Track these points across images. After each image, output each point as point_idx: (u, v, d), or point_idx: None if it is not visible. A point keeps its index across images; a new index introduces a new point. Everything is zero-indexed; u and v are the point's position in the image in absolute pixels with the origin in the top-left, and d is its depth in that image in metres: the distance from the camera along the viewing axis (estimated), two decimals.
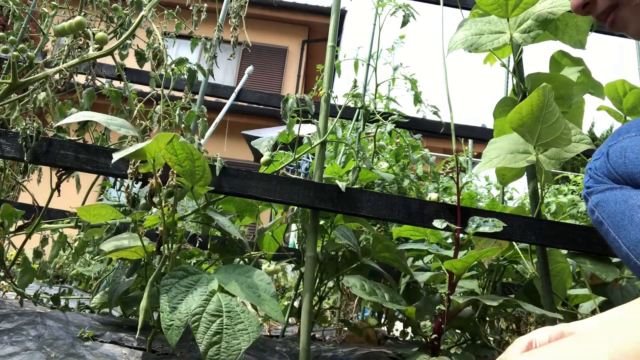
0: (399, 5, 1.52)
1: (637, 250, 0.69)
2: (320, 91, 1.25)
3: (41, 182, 1.56)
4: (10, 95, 1.04)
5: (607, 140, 0.79)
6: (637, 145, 0.72)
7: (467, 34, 1.19)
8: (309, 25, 10.06)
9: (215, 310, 0.71)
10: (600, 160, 0.79)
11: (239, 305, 0.73)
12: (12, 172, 1.44)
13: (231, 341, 0.68)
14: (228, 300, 0.73)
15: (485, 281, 1.55)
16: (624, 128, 0.76)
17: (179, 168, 0.87)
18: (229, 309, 0.72)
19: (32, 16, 1.49)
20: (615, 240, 0.74)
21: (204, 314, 0.70)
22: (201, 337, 0.68)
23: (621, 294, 1.17)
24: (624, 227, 0.71)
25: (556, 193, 3.67)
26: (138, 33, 1.19)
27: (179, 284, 0.74)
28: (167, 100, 1.12)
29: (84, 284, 2.34)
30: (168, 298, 0.72)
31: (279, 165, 1.35)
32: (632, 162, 0.72)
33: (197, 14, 1.44)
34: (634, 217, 0.70)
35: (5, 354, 0.85)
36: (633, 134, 0.73)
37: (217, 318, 0.70)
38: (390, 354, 1.20)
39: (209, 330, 0.69)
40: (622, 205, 0.73)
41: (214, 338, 0.68)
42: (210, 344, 0.68)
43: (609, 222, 0.75)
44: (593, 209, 0.80)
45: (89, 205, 0.85)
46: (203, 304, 0.71)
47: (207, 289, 0.73)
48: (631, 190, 0.73)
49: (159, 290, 0.75)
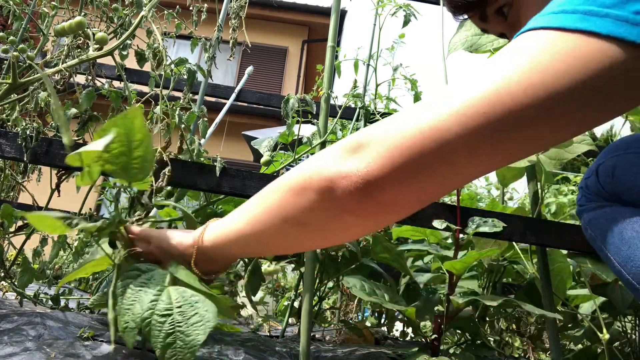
0: (400, 5, 1.52)
1: (628, 267, 0.70)
2: (320, 91, 1.25)
3: (41, 182, 1.56)
4: (10, 95, 1.04)
5: (597, 158, 0.81)
6: (624, 163, 0.75)
7: (467, 35, 1.19)
8: (309, 25, 10.06)
9: (165, 310, 0.65)
10: (591, 179, 0.82)
11: (193, 295, 0.67)
12: (12, 172, 1.44)
13: (185, 339, 0.63)
14: (181, 292, 0.67)
15: (485, 281, 1.55)
16: (612, 146, 0.78)
17: (110, 167, 0.74)
18: (180, 304, 0.66)
19: (32, 16, 1.49)
20: (607, 257, 0.76)
21: (154, 316, 0.65)
22: (155, 341, 0.63)
23: (621, 294, 1.17)
24: (615, 243, 0.73)
25: (556, 193, 3.67)
26: (138, 33, 1.19)
27: (133, 285, 0.69)
28: (165, 100, 1.12)
29: (84, 284, 2.34)
30: (123, 300, 0.67)
31: (279, 165, 1.35)
32: (620, 180, 0.74)
33: (197, 14, 1.44)
34: (624, 234, 0.72)
35: (4, 354, 0.85)
36: (621, 152, 0.76)
37: (167, 317, 0.65)
38: (390, 354, 1.20)
39: (161, 333, 0.63)
40: (612, 222, 0.75)
41: (168, 339, 0.63)
42: (164, 347, 0.63)
43: (600, 239, 0.77)
44: (586, 227, 0.83)
45: (41, 214, 0.71)
46: (151, 305, 0.66)
47: (158, 286, 0.68)
48: (620, 208, 0.76)
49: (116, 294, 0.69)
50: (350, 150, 0.50)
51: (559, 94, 0.42)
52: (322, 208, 0.52)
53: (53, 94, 0.73)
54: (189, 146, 1.15)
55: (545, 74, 0.42)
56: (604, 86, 0.42)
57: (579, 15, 0.43)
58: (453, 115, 0.45)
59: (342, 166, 0.50)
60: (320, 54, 10.09)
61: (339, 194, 0.50)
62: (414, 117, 0.48)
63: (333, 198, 0.51)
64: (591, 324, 1.19)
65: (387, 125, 0.50)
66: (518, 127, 0.44)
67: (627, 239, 0.71)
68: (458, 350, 1.33)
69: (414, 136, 0.46)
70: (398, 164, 0.47)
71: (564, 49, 0.43)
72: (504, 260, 1.46)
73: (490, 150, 0.46)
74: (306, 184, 0.53)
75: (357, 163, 0.49)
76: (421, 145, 0.46)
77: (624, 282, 0.72)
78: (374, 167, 0.48)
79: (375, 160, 0.47)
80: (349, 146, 0.51)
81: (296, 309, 1.42)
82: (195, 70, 1.26)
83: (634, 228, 0.71)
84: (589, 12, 0.43)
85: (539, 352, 1.65)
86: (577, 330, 1.44)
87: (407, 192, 0.49)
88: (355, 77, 1.67)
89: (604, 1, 0.43)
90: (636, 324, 1.33)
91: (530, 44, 0.45)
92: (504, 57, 0.46)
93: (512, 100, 0.43)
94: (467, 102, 0.45)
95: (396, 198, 0.49)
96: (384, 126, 0.50)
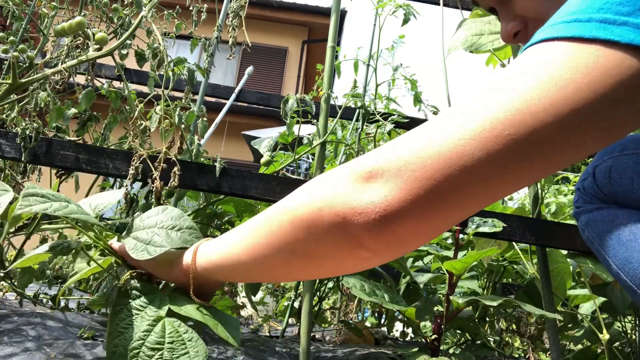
0: (399, 5, 1.52)
1: (626, 269, 0.70)
2: (320, 92, 1.25)
3: (40, 182, 1.56)
4: (10, 95, 1.04)
5: (594, 160, 0.81)
6: (620, 165, 0.74)
7: (467, 35, 1.19)
8: (309, 25, 10.06)
9: (156, 343, 0.63)
10: (587, 180, 0.81)
11: (187, 332, 0.65)
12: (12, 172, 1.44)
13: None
14: (175, 327, 0.65)
15: (485, 281, 1.55)
16: (609, 147, 0.78)
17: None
18: (172, 339, 0.64)
19: (32, 16, 1.49)
20: (605, 259, 0.76)
21: (143, 347, 0.62)
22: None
23: (621, 294, 1.17)
24: (612, 246, 0.73)
25: (556, 193, 3.67)
26: (138, 33, 1.19)
27: (129, 306, 0.67)
28: (167, 100, 1.12)
29: (84, 284, 2.34)
30: (116, 321, 0.65)
31: (279, 165, 1.35)
32: (616, 182, 0.74)
33: (197, 14, 1.44)
34: (621, 237, 0.72)
35: (4, 354, 0.85)
36: (617, 154, 0.76)
37: (156, 352, 0.62)
38: (390, 354, 1.20)
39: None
40: (609, 224, 0.75)
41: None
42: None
43: (598, 241, 0.78)
44: (583, 229, 0.83)
45: (30, 258, 0.75)
46: (143, 335, 0.63)
47: (154, 315, 0.66)
48: (617, 210, 0.76)
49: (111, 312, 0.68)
50: (363, 178, 0.45)
51: (583, 109, 0.40)
52: (333, 243, 0.48)
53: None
54: (189, 146, 1.15)
55: (566, 89, 0.40)
56: (627, 96, 0.41)
57: (595, 23, 0.41)
58: (476, 139, 0.42)
59: (356, 200, 0.45)
60: (320, 54, 10.09)
61: (353, 230, 0.46)
62: (431, 141, 0.44)
63: (347, 234, 0.46)
64: (591, 324, 1.19)
65: (402, 151, 0.45)
66: (542, 147, 0.42)
67: (624, 242, 0.71)
68: (458, 351, 1.33)
69: (435, 164, 0.42)
70: (419, 196, 0.43)
71: (583, 60, 0.41)
72: (504, 260, 1.46)
73: (514, 172, 0.43)
74: (316, 218, 0.48)
75: (373, 196, 0.44)
76: (443, 174, 0.42)
77: (622, 285, 0.72)
78: (392, 201, 0.44)
79: (393, 193, 0.43)
80: (362, 174, 0.46)
81: (296, 309, 1.42)
82: (194, 70, 1.26)
83: (631, 230, 0.71)
84: (605, 21, 0.41)
85: (539, 352, 1.65)
86: (577, 330, 1.44)
87: (427, 223, 0.45)
88: (355, 77, 1.67)
89: (619, 9, 0.41)
90: (636, 324, 1.33)
91: (546, 56, 0.42)
92: (520, 73, 0.43)
93: (535, 119, 0.41)
94: (488, 123, 0.42)
95: (416, 230, 0.45)
96: (399, 151, 0.45)
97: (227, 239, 0.61)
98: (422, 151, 0.44)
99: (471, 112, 0.43)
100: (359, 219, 0.45)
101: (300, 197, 0.51)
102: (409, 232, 0.45)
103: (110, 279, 0.80)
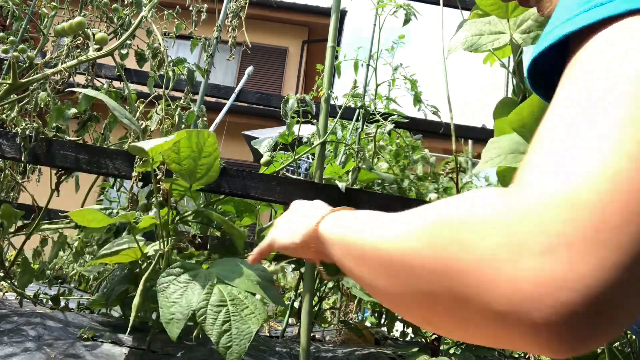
0: (400, 5, 1.52)
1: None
2: (320, 92, 1.25)
3: (41, 182, 1.56)
4: (10, 95, 1.04)
5: None
6: None
7: (467, 35, 1.19)
8: (309, 25, 10.06)
9: (219, 301, 0.72)
10: None
11: (241, 293, 0.73)
12: (12, 172, 1.44)
13: (240, 326, 0.69)
14: (229, 290, 0.74)
15: None
16: None
17: (177, 167, 0.87)
18: (232, 297, 0.72)
19: (32, 16, 1.49)
20: None
21: (209, 306, 0.71)
22: (210, 329, 0.69)
23: None
24: None
25: None
26: (138, 33, 1.19)
27: (177, 281, 0.74)
28: (168, 100, 1.12)
29: (84, 284, 2.34)
30: (166, 294, 0.72)
31: (279, 165, 1.35)
32: None
33: (197, 14, 1.44)
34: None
35: (4, 354, 0.85)
36: None
37: (222, 308, 0.71)
38: (390, 354, 1.20)
39: (217, 321, 0.70)
40: None
41: (224, 327, 0.69)
42: (220, 333, 0.69)
43: None
44: None
45: (83, 210, 0.84)
46: (205, 297, 0.72)
47: (206, 283, 0.74)
48: None
49: (157, 289, 0.75)
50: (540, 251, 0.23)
51: None
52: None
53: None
54: None
55: None
56: None
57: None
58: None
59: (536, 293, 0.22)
60: (320, 54, 10.08)
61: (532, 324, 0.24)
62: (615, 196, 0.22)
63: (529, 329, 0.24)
64: None
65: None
66: None
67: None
68: (458, 351, 1.33)
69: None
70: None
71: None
72: None
73: None
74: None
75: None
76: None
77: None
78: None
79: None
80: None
81: (296, 309, 1.42)
82: (194, 70, 1.26)
83: None
84: None
85: None
86: None
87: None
88: (355, 77, 1.67)
89: None
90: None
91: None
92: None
93: None
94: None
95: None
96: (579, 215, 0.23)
97: (360, 221, 0.40)
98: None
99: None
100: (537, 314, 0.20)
101: (455, 242, 0.27)
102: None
103: (110, 278, 0.83)
